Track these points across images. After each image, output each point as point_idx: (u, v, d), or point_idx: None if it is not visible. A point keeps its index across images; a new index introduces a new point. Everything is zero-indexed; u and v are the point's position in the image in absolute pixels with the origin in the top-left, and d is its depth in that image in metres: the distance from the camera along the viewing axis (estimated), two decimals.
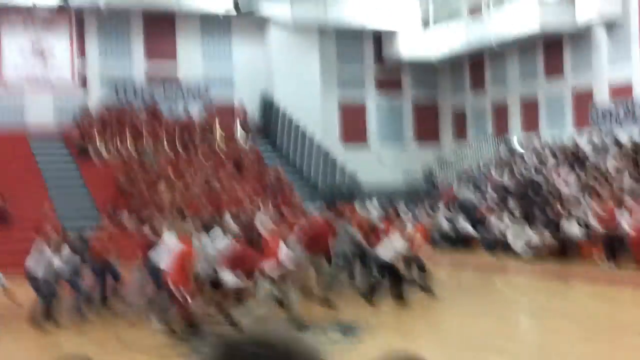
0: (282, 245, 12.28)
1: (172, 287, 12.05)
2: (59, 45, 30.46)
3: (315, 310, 14.06)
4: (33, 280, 13.40)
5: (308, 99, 32.31)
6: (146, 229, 15.00)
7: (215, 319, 13.12)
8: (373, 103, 35.48)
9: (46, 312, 13.36)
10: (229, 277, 13.32)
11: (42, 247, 13.61)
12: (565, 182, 24.37)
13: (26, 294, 13.45)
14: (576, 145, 27.15)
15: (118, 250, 15.12)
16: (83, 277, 14.40)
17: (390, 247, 14.35)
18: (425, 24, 34.18)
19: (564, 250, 21.16)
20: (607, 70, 28.64)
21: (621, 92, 27.92)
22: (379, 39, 34.94)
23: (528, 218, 23.39)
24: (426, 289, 15.39)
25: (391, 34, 34.36)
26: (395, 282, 14.52)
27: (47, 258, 13.49)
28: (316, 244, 14.54)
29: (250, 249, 13.75)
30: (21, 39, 29.94)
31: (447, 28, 33.02)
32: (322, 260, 14.74)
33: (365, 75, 35.27)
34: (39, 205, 24.64)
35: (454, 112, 36.07)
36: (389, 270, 14.43)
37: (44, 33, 30.18)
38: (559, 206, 22.50)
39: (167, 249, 13.01)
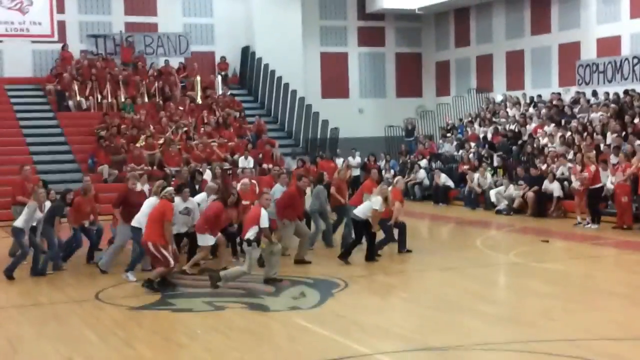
0: (263, 212, 12.18)
1: (148, 244, 11.94)
2: None
3: (290, 267, 13.94)
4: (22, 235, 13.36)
5: (289, 51, 31.90)
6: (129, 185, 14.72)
7: (192, 276, 13.03)
8: (355, 55, 35.05)
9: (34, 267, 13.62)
10: (206, 239, 13.26)
11: (33, 208, 13.39)
12: (550, 138, 24.15)
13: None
14: (561, 101, 26.91)
15: (95, 211, 15.10)
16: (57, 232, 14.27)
17: (368, 206, 14.18)
18: None
19: (545, 207, 21.04)
20: (594, 26, 28.23)
21: (608, 48, 27.56)
22: None
23: (510, 174, 23.23)
24: (403, 247, 15.30)
25: None
26: (369, 240, 14.37)
27: (37, 217, 13.45)
28: (290, 211, 14.41)
29: (228, 209, 13.67)
30: None
31: None
32: (297, 224, 14.58)
33: (347, 27, 34.78)
34: (15, 154, 24.42)
35: (437, 66, 35.66)
36: (363, 227, 14.25)
37: None
38: (541, 163, 22.33)
39: (146, 209, 12.86)
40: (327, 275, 13.21)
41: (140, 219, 12.88)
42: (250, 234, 12.09)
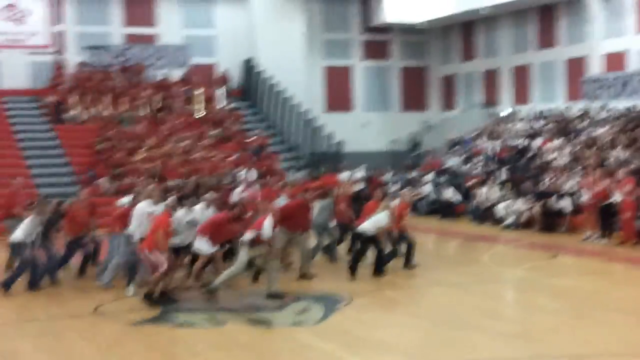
0: (267, 221, 12.29)
1: (144, 253, 12.02)
2: (35, 6, 30.04)
3: (294, 282, 13.94)
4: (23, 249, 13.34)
5: (292, 63, 32.10)
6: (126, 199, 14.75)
7: (193, 289, 13.03)
8: (359, 68, 35.19)
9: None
10: (204, 245, 13.24)
11: (37, 221, 13.39)
12: (557, 153, 24.19)
13: None
14: (568, 116, 26.97)
15: (94, 220, 15.12)
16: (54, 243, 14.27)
17: (374, 221, 14.20)
18: None
19: (553, 222, 21.03)
20: (601, 40, 28.36)
21: (615, 62, 27.65)
22: (366, 2, 34.57)
23: (518, 189, 23.22)
24: (409, 262, 15.32)
25: None
26: (377, 255, 14.40)
27: (38, 231, 13.39)
28: (288, 222, 14.27)
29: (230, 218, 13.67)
30: None
31: None
32: (301, 236, 14.54)
33: (351, 40, 34.95)
34: (11, 167, 24.44)
35: (442, 79, 35.78)
36: (371, 242, 14.29)
37: None
38: (549, 178, 22.34)
39: (137, 215, 12.96)
40: (332, 290, 13.18)
41: (132, 228, 12.91)
42: (247, 236, 12.30)
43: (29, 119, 28.05)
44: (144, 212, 12.81)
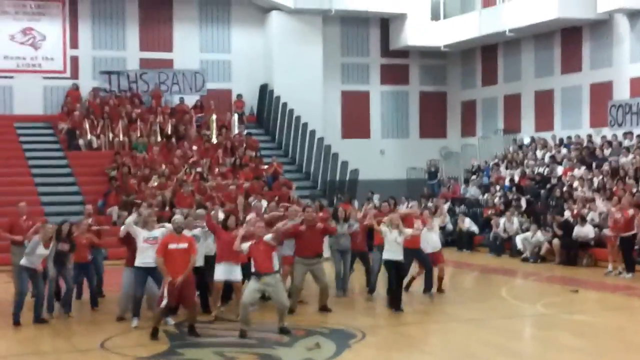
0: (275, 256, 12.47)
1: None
2: (51, 31, 30.45)
3: (305, 316, 13.90)
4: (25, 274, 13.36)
5: (309, 89, 32.10)
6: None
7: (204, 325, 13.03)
8: (377, 94, 35.22)
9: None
10: (218, 271, 13.31)
11: (36, 243, 13.42)
12: (580, 181, 24.07)
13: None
14: (592, 143, 26.84)
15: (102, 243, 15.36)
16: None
17: (397, 248, 14.19)
18: (435, 17, 34.08)
19: (574, 255, 20.88)
20: (628, 64, 28.22)
21: None
22: (386, 25, 34.72)
23: (538, 220, 23.09)
24: (428, 287, 15.37)
25: (399, 21, 34.09)
26: (398, 282, 14.41)
27: (40, 254, 13.40)
28: (302, 243, 14.21)
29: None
30: (12, 23, 29.97)
31: (458, 19, 32.90)
32: (316, 265, 14.44)
33: (370, 64, 35.02)
34: (22, 194, 24.55)
35: (463, 105, 35.74)
36: (397, 269, 14.31)
37: (36, 18, 30.25)
38: (572, 208, 22.20)
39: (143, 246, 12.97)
40: (344, 325, 13.14)
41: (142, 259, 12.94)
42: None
43: (42, 145, 28.33)
44: (141, 239, 12.87)
